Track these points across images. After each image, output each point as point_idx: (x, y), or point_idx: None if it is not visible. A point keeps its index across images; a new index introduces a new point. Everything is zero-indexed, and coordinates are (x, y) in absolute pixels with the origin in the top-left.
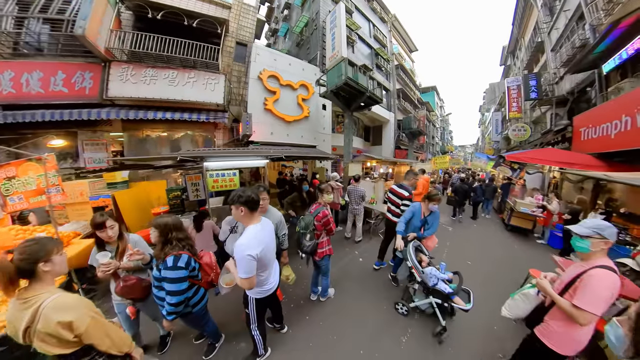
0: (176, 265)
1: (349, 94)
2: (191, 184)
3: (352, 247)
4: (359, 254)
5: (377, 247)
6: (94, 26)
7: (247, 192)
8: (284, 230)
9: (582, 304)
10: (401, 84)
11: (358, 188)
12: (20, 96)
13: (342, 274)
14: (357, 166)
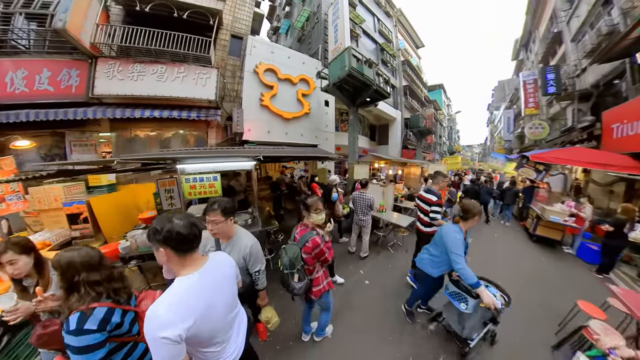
0: (81, 328)
1: (353, 87)
2: (164, 190)
3: (357, 265)
4: (365, 275)
5: (385, 264)
6: (76, 20)
7: (176, 220)
8: (257, 265)
9: None
10: (408, 80)
11: (365, 195)
12: (5, 96)
13: (343, 302)
14: (363, 168)
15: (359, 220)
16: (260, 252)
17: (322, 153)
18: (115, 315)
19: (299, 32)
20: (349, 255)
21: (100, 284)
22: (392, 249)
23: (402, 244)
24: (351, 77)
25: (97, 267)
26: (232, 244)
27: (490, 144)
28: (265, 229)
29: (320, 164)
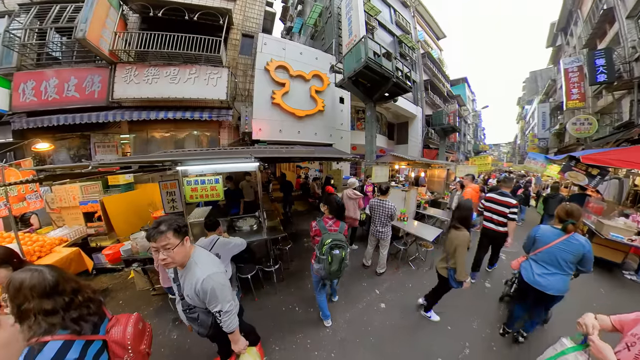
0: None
1: (370, 81)
2: (166, 192)
3: (372, 283)
4: (381, 295)
5: (405, 283)
6: (96, 29)
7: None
8: (216, 303)
9: None
10: (428, 74)
11: (386, 203)
12: (40, 103)
13: (353, 331)
14: (383, 169)
15: (376, 231)
16: (222, 288)
17: (335, 153)
18: (72, 350)
19: (312, 29)
20: (363, 269)
21: (54, 314)
22: (413, 264)
23: (425, 259)
24: (368, 70)
25: (50, 294)
26: (185, 272)
27: (521, 142)
28: (270, 237)
29: (335, 164)
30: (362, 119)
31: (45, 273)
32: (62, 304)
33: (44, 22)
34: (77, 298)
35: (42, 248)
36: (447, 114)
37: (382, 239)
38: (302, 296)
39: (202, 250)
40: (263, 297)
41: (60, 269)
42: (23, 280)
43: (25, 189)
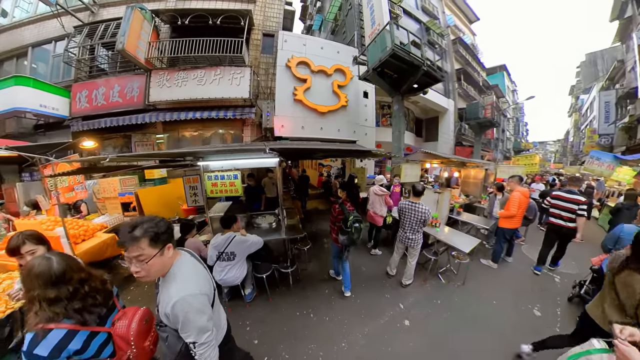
0: (31, 352)
1: (397, 71)
2: (189, 187)
3: (396, 295)
4: (406, 311)
5: (433, 299)
6: (132, 40)
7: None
8: (189, 332)
9: None
10: (461, 63)
11: (419, 206)
12: (92, 109)
13: (373, 348)
14: (413, 168)
15: (405, 238)
16: (198, 315)
17: (359, 148)
18: (75, 340)
19: (332, 23)
20: (386, 278)
21: (57, 303)
22: (443, 277)
23: (457, 272)
24: (395, 58)
25: (55, 283)
26: (163, 283)
27: (575, 139)
28: (289, 237)
29: (359, 162)
30: (388, 114)
31: (53, 262)
32: (66, 294)
33: (93, 39)
34: (82, 288)
35: (86, 232)
36: (483, 106)
37: (412, 247)
38: (318, 301)
39: (187, 260)
40: (277, 298)
41: (73, 258)
42: (32, 267)
43: (74, 180)
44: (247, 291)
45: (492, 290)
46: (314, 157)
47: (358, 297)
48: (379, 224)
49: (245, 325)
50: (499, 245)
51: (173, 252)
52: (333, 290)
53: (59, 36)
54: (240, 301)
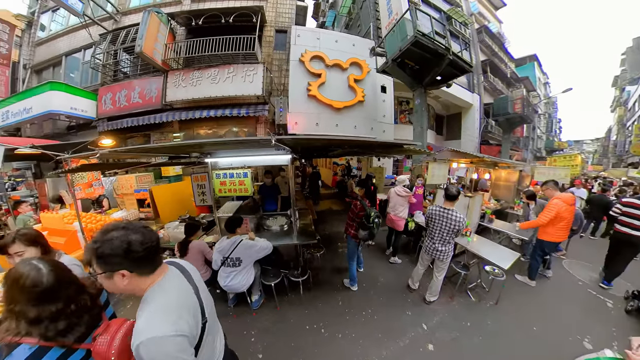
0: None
1: (419, 61)
2: (197, 185)
3: (419, 314)
4: (429, 332)
5: (462, 320)
6: (149, 43)
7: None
8: None
9: None
10: (486, 53)
11: (452, 213)
12: (114, 110)
13: None
14: (441, 168)
15: (433, 249)
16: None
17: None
18: (46, 358)
19: (346, 18)
20: (407, 292)
21: (36, 324)
22: (473, 294)
23: (490, 289)
24: (417, 47)
25: (41, 302)
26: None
27: (619, 137)
28: (301, 242)
29: (376, 161)
30: (406, 110)
31: (42, 274)
32: (48, 314)
33: (115, 45)
34: (69, 307)
35: None
36: (512, 100)
37: (440, 260)
38: (330, 314)
39: (169, 284)
40: (286, 307)
41: (64, 270)
42: (19, 277)
43: (92, 177)
44: (254, 298)
45: (531, 313)
46: (329, 155)
47: (375, 312)
48: (399, 228)
49: (250, 335)
50: (535, 259)
51: (147, 277)
52: (347, 303)
53: (87, 44)
54: (246, 307)
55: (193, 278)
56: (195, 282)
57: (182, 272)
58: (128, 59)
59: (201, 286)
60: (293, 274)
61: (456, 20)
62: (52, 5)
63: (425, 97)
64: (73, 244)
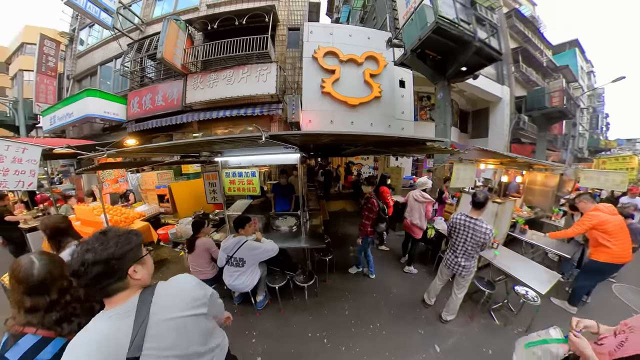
0: (2, 354)
1: (442, 51)
2: (208, 183)
3: (432, 333)
4: (443, 356)
5: (480, 345)
6: (170, 49)
7: None
8: None
9: None
10: (518, 40)
11: (479, 224)
12: (142, 112)
13: None
14: (467, 169)
15: (455, 264)
16: None
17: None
18: (48, 348)
19: (360, 12)
20: (421, 307)
21: (33, 312)
22: (497, 316)
23: (518, 311)
24: (439, 34)
25: (34, 292)
26: None
27: None
28: (309, 246)
29: (394, 160)
30: (428, 106)
31: (35, 268)
32: (43, 304)
33: (141, 53)
34: (63, 298)
35: (126, 219)
36: (549, 93)
37: (461, 276)
38: (335, 323)
39: (104, 323)
40: (290, 311)
41: (58, 263)
42: (15, 268)
43: (117, 173)
44: (259, 298)
45: None
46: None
47: (384, 327)
48: (417, 235)
49: (252, 335)
50: (581, 281)
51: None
52: (355, 313)
53: (117, 54)
54: (251, 306)
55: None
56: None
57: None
58: (152, 65)
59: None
60: (299, 278)
61: (481, 5)
62: (89, 22)
63: (449, 91)
64: None
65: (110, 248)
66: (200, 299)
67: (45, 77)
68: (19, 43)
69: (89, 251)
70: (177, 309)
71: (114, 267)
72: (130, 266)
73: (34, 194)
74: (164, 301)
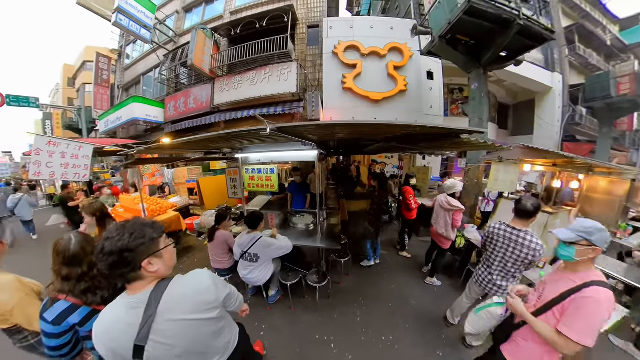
0: (42, 314)
1: (476, 34)
2: (230, 179)
3: (451, 358)
4: None
5: None
6: (198, 56)
7: None
8: None
9: (573, 334)
10: (573, 17)
11: (526, 237)
12: (177, 114)
13: None
14: (508, 171)
15: (488, 282)
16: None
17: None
18: (76, 314)
19: (382, 2)
20: (442, 325)
21: (67, 281)
22: None
23: None
24: (472, 15)
25: (69, 264)
26: None
27: None
28: (324, 246)
29: (420, 159)
30: (460, 100)
31: (71, 244)
32: (76, 274)
33: (174, 62)
34: (92, 271)
35: (161, 209)
36: (615, 78)
37: (495, 296)
38: (345, 329)
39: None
40: (300, 310)
41: (90, 242)
42: (57, 243)
43: (154, 168)
44: (272, 293)
45: None
46: (365, 151)
47: (398, 341)
48: (444, 246)
49: (261, 328)
50: None
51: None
52: (366, 321)
53: (156, 65)
54: (263, 299)
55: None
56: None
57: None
58: (184, 72)
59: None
60: (312, 277)
61: None
62: (133, 39)
63: (485, 81)
64: None
65: (124, 240)
66: (211, 302)
67: (100, 88)
68: (81, 62)
69: (108, 240)
70: (185, 311)
71: (127, 259)
72: (144, 259)
73: (92, 184)
74: (173, 301)
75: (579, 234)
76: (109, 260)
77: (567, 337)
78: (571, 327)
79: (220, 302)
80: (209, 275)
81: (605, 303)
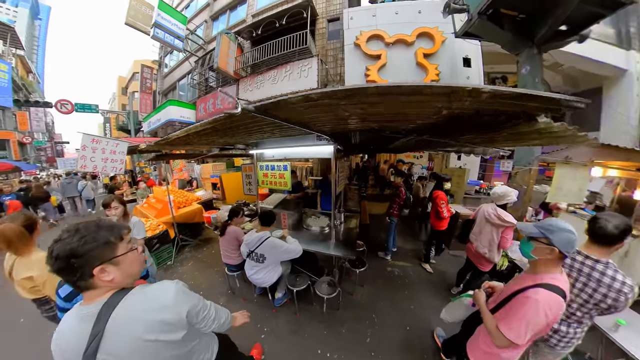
0: (57, 290)
1: (527, 6)
2: (245, 175)
3: None
4: None
5: None
6: (223, 59)
7: None
8: None
9: (505, 329)
10: None
11: (607, 272)
12: (207, 115)
13: None
14: (577, 177)
15: (553, 342)
16: None
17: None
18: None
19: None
20: None
21: None
22: None
23: None
24: None
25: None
26: None
27: None
28: (337, 254)
29: (455, 159)
30: None
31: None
32: None
33: (203, 66)
34: None
35: (186, 201)
36: None
37: (549, 345)
38: (351, 349)
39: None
40: (306, 318)
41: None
42: None
43: (181, 163)
44: (278, 295)
45: None
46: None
47: None
48: (483, 268)
49: (263, 331)
50: None
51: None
52: (377, 343)
53: (188, 71)
54: (269, 300)
55: None
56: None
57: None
58: (212, 75)
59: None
60: (321, 287)
61: None
62: (170, 50)
63: (540, 63)
64: (165, 210)
65: (73, 243)
66: (171, 323)
67: (144, 94)
68: (131, 73)
69: (59, 242)
70: (136, 330)
71: (74, 265)
72: (95, 266)
73: (135, 176)
74: (123, 318)
75: (541, 230)
76: (55, 266)
77: (500, 332)
78: (505, 323)
79: (184, 323)
80: (173, 291)
81: (543, 305)
